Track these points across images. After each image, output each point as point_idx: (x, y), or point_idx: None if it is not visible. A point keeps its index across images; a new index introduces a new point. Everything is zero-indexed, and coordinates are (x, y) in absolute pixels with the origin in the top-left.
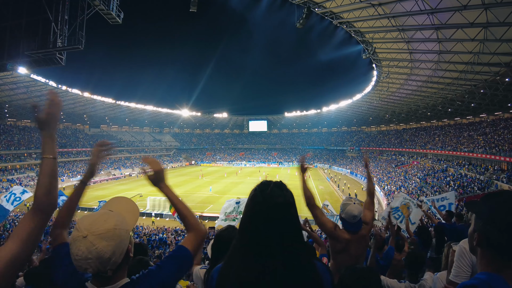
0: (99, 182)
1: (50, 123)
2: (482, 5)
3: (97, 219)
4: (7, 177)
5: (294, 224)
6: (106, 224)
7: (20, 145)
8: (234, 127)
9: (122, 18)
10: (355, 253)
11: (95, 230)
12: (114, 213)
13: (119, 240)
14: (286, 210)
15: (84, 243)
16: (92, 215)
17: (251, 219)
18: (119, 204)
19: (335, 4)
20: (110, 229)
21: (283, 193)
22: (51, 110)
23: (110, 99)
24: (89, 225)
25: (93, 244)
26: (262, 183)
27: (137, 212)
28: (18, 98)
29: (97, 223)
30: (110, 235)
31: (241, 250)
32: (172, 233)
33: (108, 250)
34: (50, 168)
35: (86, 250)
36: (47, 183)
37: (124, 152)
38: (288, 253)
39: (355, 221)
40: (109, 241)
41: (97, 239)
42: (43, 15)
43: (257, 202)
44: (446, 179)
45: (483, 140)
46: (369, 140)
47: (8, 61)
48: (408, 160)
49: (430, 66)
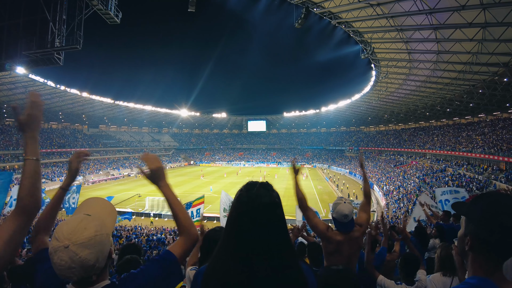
0: (97, 182)
1: (32, 124)
2: (480, 5)
3: (77, 227)
4: None
5: (280, 225)
6: (87, 231)
7: (19, 145)
8: (233, 127)
9: (121, 18)
10: (347, 254)
11: (76, 239)
12: (93, 218)
13: (101, 246)
14: (272, 210)
15: (66, 253)
16: (70, 222)
17: (236, 219)
18: (95, 206)
19: (334, 4)
20: (91, 236)
21: (269, 193)
22: (32, 112)
23: (109, 99)
24: (69, 234)
25: (76, 254)
26: (248, 183)
27: (115, 213)
28: (16, 98)
29: (77, 232)
30: (92, 243)
31: (226, 251)
32: (171, 233)
33: (91, 258)
34: (32, 170)
35: (69, 259)
36: (30, 185)
37: (123, 152)
38: (274, 254)
39: (346, 221)
40: (92, 248)
41: (79, 248)
42: (41, 14)
43: (242, 202)
44: (445, 179)
45: (482, 140)
46: (368, 140)
47: (6, 61)
48: (407, 160)
49: (429, 66)
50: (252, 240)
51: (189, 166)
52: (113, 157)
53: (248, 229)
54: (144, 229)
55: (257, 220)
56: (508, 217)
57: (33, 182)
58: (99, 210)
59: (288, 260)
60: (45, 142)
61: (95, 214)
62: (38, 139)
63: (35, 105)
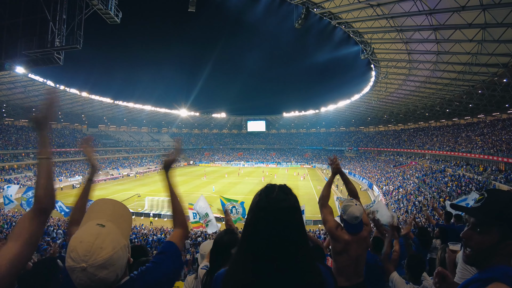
0: (97, 182)
1: (46, 122)
2: (480, 6)
3: (93, 247)
4: (4, 177)
5: (300, 228)
6: (104, 251)
7: (18, 145)
8: (233, 127)
9: (121, 18)
10: (355, 254)
11: (93, 261)
12: (107, 230)
13: (119, 262)
14: (292, 215)
15: (84, 274)
16: (84, 238)
17: (256, 224)
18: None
19: (334, 5)
20: (109, 256)
21: (288, 198)
22: (49, 110)
23: (108, 99)
24: (85, 256)
25: (94, 275)
26: (267, 187)
27: (129, 216)
28: (15, 97)
29: (94, 253)
30: (110, 262)
31: (245, 256)
32: (170, 233)
33: (111, 276)
34: (47, 169)
35: (87, 280)
36: (46, 184)
37: (122, 152)
38: (293, 258)
39: (356, 222)
40: (110, 267)
41: (97, 269)
42: (41, 14)
43: (262, 207)
44: (444, 179)
45: (481, 140)
46: (367, 141)
47: (5, 60)
48: (406, 160)
49: (428, 66)
50: (272, 245)
51: (189, 166)
52: (113, 157)
53: (267, 235)
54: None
55: (277, 226)
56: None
57: (48, 181)
58: (112, 217)
59: (308, 263)
60: None
61: (109, 222)
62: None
63: (50, 103)
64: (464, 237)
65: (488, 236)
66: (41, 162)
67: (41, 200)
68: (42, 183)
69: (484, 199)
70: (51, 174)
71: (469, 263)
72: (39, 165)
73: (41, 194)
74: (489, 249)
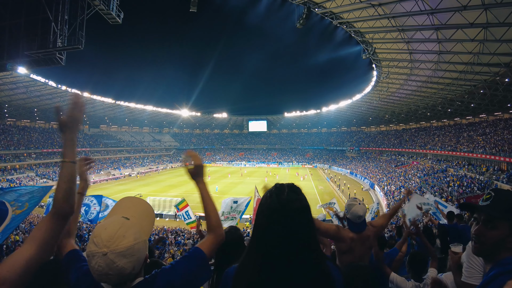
0: (98, 182)
1: (72, 125)
2: (482, 5)
3: (116, 234)
4: (6, 177)
5: (310, 227)
6: (125, 240)
7: (20, 145)
8: (234, 127)
9: (122, 18)
10: (359, 253)
11: (114, 247)
12: (131, 223)
13: (138, 254)
14: (304, 215)
15: (104, 260)
16: (109, 226)
17: (267, 225)
18: (132, 207)
19: (335, 4)
20: (130, 245)
21: (299, 198)
22: (74, 113)
23: (110, 99)
24: (108, 241)
25: (113, 262)
26: (277, 187)
27: (153, 216)
28: (17, 98)
29: (116, 240)
30: (130, 252)
31: (256, 255)
32: (172, 233)
33: (128, 267)
34: (70, 173)
35: (106, 266)
36: (67, 188)
37: (124, 152)
38: (303, 258)
39: (360, 221)
40: (129, 257)
41: (117, 257)
42: (42, 14)
43: (274, 208)
44: (446, 179)
45: (483, 140)
46: (369, 140)
47: (7, 61)
48: (408, 160)
49: (430, 66)
50: (283, 245)
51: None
52: (114, 157)
53: (279, 235)
54: None
55: (289, 226)
56: None
57: (70, 185)
58: (137, 213)
59: (317, 261)
60: (46, 142)
61: (133, 217)
62: (76, 141)
63: (77, 106)
64: (476, 233)
65: (498, 231)
66: (65, 165)
67: (59, 204)
68: (63, 187)
69: (492, 197)
70: (73, 178)
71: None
72: (61, 168)
73: (60, 198)
74: (499, 242)
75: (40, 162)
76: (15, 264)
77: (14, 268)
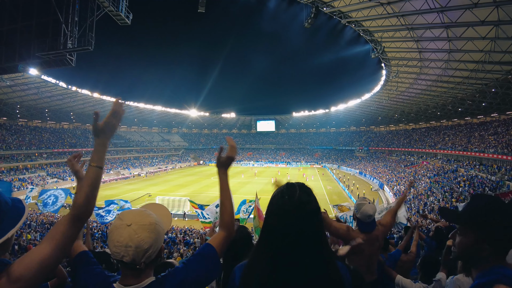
0: (108, 182)
1: (106, 131)
2: (493, 2)
3: (141, 213)
4: (18, 177)
5: (321, 228)
6: (149, 218)
7: (31, 145)
8: (242, 127)
9: (131, 19)
10: (368, 253)
11: (139, 221)
12: (153, 214)
13: (158, 235)
14: (315, 216)
15: (127, 230)
16: (134, 210)
17: (279, 225)
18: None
19: (344, 3)
20: (152, 223)
21: (310, 199)
22: (112, 120)
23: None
24: (133, 217)
25: (136, 233)
26: (288, 188)
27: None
28: (29, 98)
29: (141, 216)
30: (152, 228)
31: (266, 254)
32: (181, 232)
33: (148, 241)
34: (95, 178)
35: (128, 237)
36: (89, 193)
37: (133, 152)
38: (314, 256)
39: (369, 221)
40: (151, 233)
41: (140, 228)
42: (53, 16)
43: (287, 210)
44: (457, 179)
45: (495, 140)
46: (378, 140)
47: (19, 62)
48: (418, 160)
49: (440, 65)
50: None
51: (199, 166)
52: (123, 157)
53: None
54: None
55: (300, 227)
56: None
57: (92, 190)
58: (157, 212)
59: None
60: (57, 142)
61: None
62: (107, 147)
63: (115, 113)
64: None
65: (465, 238)
66: (91, 170)
67: (79, 207)
68: (85, 191)
69: (467, 203)
70: (97, 184)
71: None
72: (87, 172)
73: (81, 202)
74: (469, 250)
75: (51, 161)
76: (32, 262)
77: (30, 266)
